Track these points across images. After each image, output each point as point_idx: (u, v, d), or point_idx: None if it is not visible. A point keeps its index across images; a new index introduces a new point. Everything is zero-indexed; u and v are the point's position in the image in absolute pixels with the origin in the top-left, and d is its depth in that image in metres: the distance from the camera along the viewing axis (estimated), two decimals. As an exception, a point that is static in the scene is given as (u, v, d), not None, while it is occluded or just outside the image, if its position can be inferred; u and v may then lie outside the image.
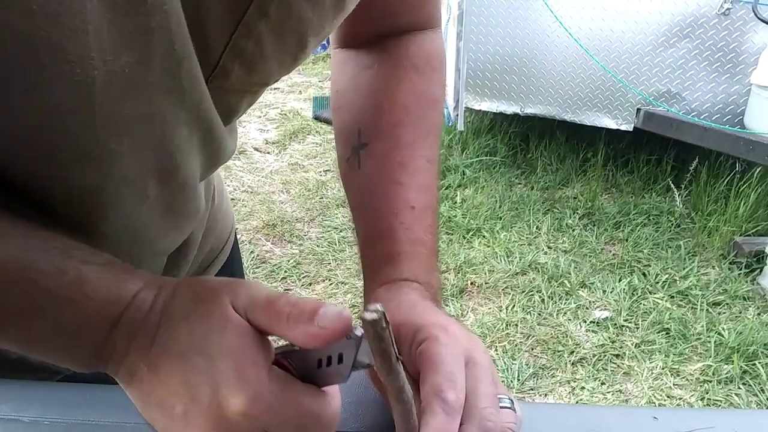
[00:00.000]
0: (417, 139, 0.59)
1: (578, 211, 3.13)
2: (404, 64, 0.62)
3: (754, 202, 2.90)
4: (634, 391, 2.11)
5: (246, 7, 0.40)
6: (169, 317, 0.38)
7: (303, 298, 0.38)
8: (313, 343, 0.36)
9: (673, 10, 2.84)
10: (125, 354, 0.38)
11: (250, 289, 0.38)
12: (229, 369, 0.35)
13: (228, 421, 0.35)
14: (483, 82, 3.34)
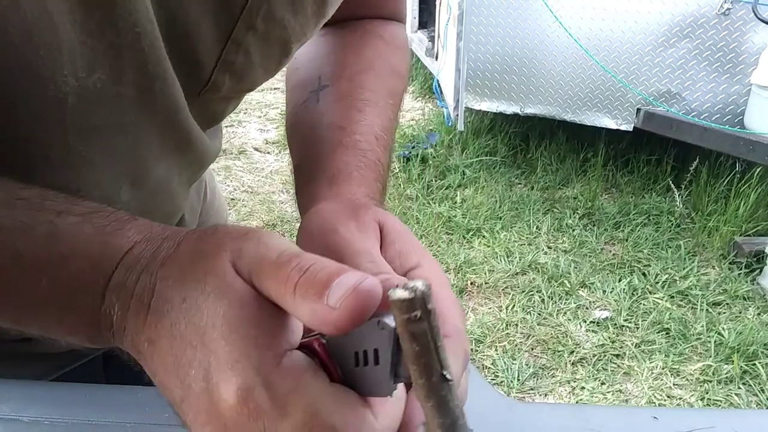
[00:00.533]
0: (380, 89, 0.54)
1: (578, 211, 3.13)
2: (370, 32, 0.60)
3: (754, 202, 2.90)
4: (634, 391, 2.11)
5: (234, 23, 0.41)
6: (165, 277, 0.30)
7: (328, 260, 0.28)
8: (324, 328, 0.27)
9: (673, 10, 2.84)
10: (125, 325, 0.31)
11: (259, 244, 0.30)
12: (222, 349, 0.27)
13: (219, 416, 0.27)
14: (483, 82, 3.34)
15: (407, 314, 0.22)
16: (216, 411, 0.27)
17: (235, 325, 0.28)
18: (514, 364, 2.20)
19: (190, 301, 0.29)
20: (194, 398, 0.28)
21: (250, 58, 0.43)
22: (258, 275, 0.29)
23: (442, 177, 3.43)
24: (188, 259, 0.30)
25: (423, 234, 2.94)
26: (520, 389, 2.12)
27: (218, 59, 0.42)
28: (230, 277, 0.29)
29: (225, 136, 3.97)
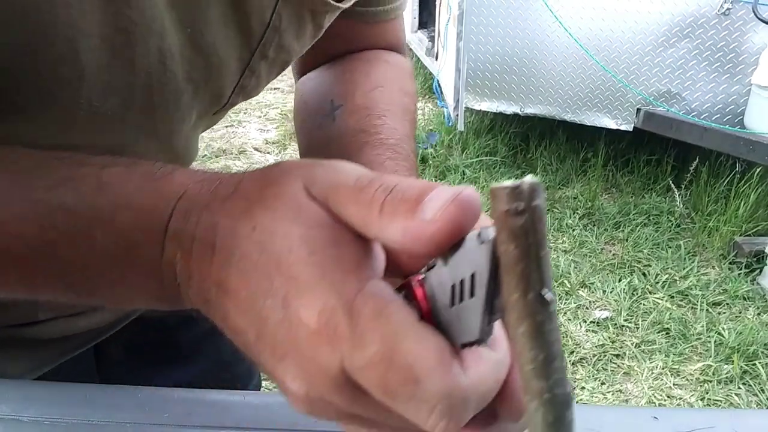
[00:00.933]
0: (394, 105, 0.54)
1: (578, 211, 3.13)
2: (375, 58, 0.61)
3: (754, 202, 2.90)
4: (634, 391, 2.11)
5: (252, 54, 0.45)
6: (230, 212, 0.28)
7: (410, 178, 0.26)
8: (418, 246, 0.24)
9: (673, 10, 2.84)
10: (189, 273, 0.29)
11: (332, 170, 0.28)
12: (301, 272, 0.25)
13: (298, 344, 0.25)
14: (483, 82, 3.34)
15: (508, 205, 0.18)
16: (294, 339, 0.25)
17: (314, 246, 0.26)
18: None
19: (261, 229, 0.27)
20: (271, 330, 0.26)
21: (259, 80, 0.48)
22: (336, 201, 0.27)
23: (442, 177, 3.43)
24: (255, 190, 0.28)
25: (423, 234, 2.94)
26: (520, 389, 2.12)
27: (236, 85, 0.46)
28: (305, 199, 0.27)
29: (225, 136, 3.98)
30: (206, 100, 0.45)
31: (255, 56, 0.44)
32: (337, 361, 0.24)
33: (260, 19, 0.43)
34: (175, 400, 0.52)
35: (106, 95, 0.38)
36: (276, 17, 0.43)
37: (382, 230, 0.25)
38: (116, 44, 0.36)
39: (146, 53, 0.38)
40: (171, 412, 0.50)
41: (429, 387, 0.23)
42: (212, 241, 0.28)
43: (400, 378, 0.23)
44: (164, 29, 0.38)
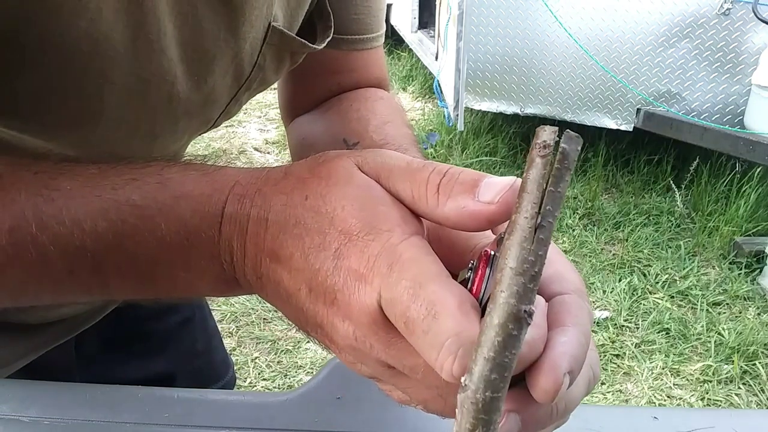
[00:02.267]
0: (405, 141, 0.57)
1: (578, 211, 3.13)
2: (372, 96, 0.64)
3: (755, 202, 2.90)
4: (634, 391, 2.11)
5: (239, 88, 0.51)
6: (283, 191, 0.32)
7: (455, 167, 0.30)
8: (470, 222, 0.28)
9: (673, 10, 2.84)
10: (244, 250, 0.33)
11: (383, 154, 0.32)
12: (354, 220, 0.29)
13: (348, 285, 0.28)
14: (483, 82, 3.34)
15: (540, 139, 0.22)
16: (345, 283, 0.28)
17: (364, 203, 0.29)
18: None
19: (314, 196, 0.30)
20: (323, 279, 0.29)
21: (240, 105, 0.54)
22: (389, 178, 0.30)
23: (442, 177, 3.43)
24: (306, 170, 0.32)
25: (423, 234, 2.94)
26: (520, 389, 2.12)
27: (222, 112, 0.53)
28: (355, 171, 0.31)
29: (225, 136, 3.98)
30: (197, 126, 0.52)
31: (241, 90, 0.51)
32: (375, 297, 0.27)
33: (250, 61, 0.49)
34: (175, 400, 0.52)
35: (118, 128, 0.44)
36: (261, 58, 0.49)
37: (438, 207, 0.28)
38: (134, 90, 0.42)
39: (158, 96, 0.44)
40: (171, 412, 0.50)
41: (443, 324, 0.25)
42: (265, 217, 0.32)
43: (421, 312, 0.26)
44: (176, 78, 0.44)
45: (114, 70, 0.40)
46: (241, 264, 0.33)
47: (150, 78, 0.42)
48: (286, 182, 0.32)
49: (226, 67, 0.47)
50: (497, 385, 0.22)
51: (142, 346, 0.77)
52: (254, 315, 2.44)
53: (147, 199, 0.34)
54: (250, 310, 2.46)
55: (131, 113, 0.44)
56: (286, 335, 2.34)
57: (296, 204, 0.31)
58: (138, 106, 0.44)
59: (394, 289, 0.27)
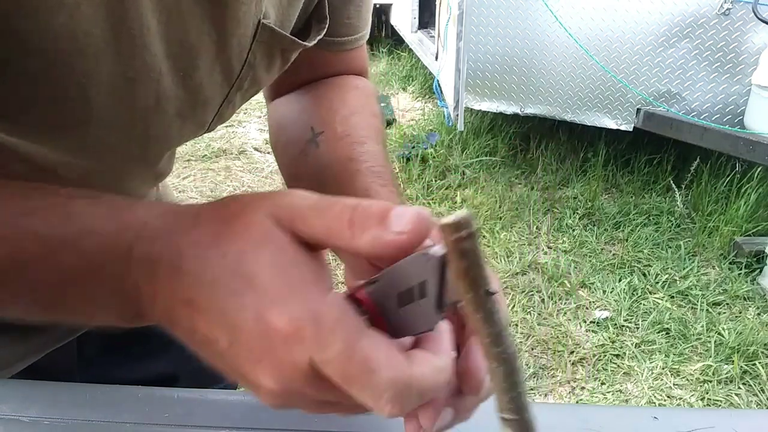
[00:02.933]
0: (370, 130, 0.60)
1: (578, 211, 3.13)
2: (346, 85, 0.66)
3: (755, 202, 2.90)
4: (634, 391, 2.11)
5: (230, 88, 0.50)
6: (197, 243, 0.33)
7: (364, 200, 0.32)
8: (386, 250, 0.29)
9: (673, 10, 2.84)
10: (154, 293, 0.33)
11: (294, 196, 0.33)
12: (271, 285, 0.30)
13: (272, 346, 0.30)
14: (483, 82, 3.34)
15: (457, 233, 0.25)
16: (269, 344, 0.30)
17: (283, 267, 0.30)
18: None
19: (232, 255, 0.31)
20: (246, 338, 0.30)
21: (234, 107, 0.54)
22: (302, 220, 0.32)
23: (442, 177, 3.43)
24: (221, 222, 0.33)
25: (423, 234, 2.94)
26: (520, 389, 2.12)
27: (215, 114, 0.52)
28: (271, 227, 0.32)
29: (225, 136, 3.98)
30: (191, 129, 0.51)
31: (233, 89, 0.50)
32: (306, 358, 0.29)
33: (239, 58, 0.48)
34: (175, 400, 0.52)
35: (110, 130, 0.44)
36: (251, 55, 0.48)
37: (352, 240, 0.30)
38: (121, 90, 0.41)
39: (145, 95, 0.43)
40: (171, 412, 0.50)
41: (379, 377, 0.28)
42: (179, 266, 0.32)
43: (358, 369, 0.28)
44: (161, 75, 0.43)
45: (98, 68, 0.39)
46: (150, 305, 0.34)
47: (135, 76, 0.42)
48: (200, 232, 0.33)
49: (212, 62, 0.46)
50: None
51: (144, 347, 0.77)
52: (254, 315, 2.44)
53: (54, 231, 0.34)
54: (250, 310, 2.46)
55: (122, 114, 0.44)
56: (286, 335, 2.34)
57: (213, 261, 0.31)
58: (127, 107, 0.43)
59: (327, 351, 0.29)
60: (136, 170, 0.55)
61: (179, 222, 0.34)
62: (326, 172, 0.56)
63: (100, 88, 0.40)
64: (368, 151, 0.56)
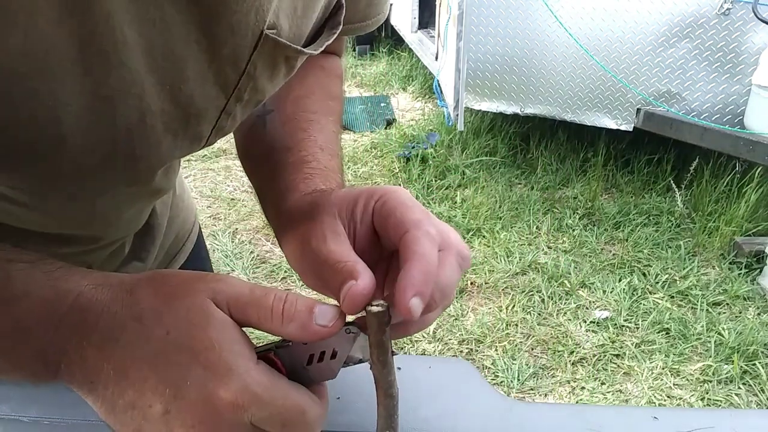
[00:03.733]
0: (322, 111, 0.61)
1: (578, 211, 3.13)
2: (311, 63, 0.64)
3: (755, 202, 2.90)
4: (634, 391, 2.11)
5: (227, 99, 0.48)
6: (139, 317, 0.36)
7: (290, 292, 0.38)
8: (311, 338, 0.37)
9: (673, 10, 2.84)
10: (81, 358, 0.36)
11: (229, 284, 0.38)
12: (215, 362, 0.35)
13: (216, 414, 0.35)
14: (483, 82, 3.34)
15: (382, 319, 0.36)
16: (212, 411, 0.35)
17: (224, 345, 0.36)
18: (514, 364, 2.20)
19: (176, 333, 0.36)
20: (187, 406, 0.35)
21: (235, 120, 0.51)
22: (238, 308, 0.37)
23: (442, 177, 3.43)
24: (162, 300, 0.37)
25: (423, 234, 2.94)
26: (520, 389, 2.11)
27: (213, 127, 0.50)
28: (213, 309, 0.37)
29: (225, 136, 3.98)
30: (186, 144, 0.49)
31: (230, 100, 0.48)
32: (248, 421, 0.36)
33: (234, 68, 0.45)
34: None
35: (90, 152, 0.42)
36: (251, 66, 0.46)
37: (283, 328, 0.37)
38: (97, 109, 0.39)
39: (126, 114, 0.41)
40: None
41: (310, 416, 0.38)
42: (117, 337, 0.36)
43: (293, 416, 0.37)
44: (144, 90, 0.41)
45: (65, 89, 0.37)
46: (72, 368, 0.37)
47: (112, 94, 0.39)
48: (141, 309, 0.36)
49: (203, 72, 0.43)
50: None
51: None
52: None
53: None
54: (250, 310, 2.46)
55: (101, 135, 0.41)
56: (286, 335, 2.34)
57: (156, 337, 0.35)
58: (107, 127, 0.41)
59: (267, 410, 0.36)
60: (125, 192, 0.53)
61: (116, 296, 0.37)
62: (266, 161, 0.58)
63: (70, 109, 0.38)
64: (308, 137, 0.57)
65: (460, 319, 2.43)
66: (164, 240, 0.74)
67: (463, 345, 2.31)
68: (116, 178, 0.47)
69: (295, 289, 2.60)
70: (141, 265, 0.70)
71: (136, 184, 0.50)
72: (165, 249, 0.76)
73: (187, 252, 0.82)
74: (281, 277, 2.68)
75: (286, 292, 0.38)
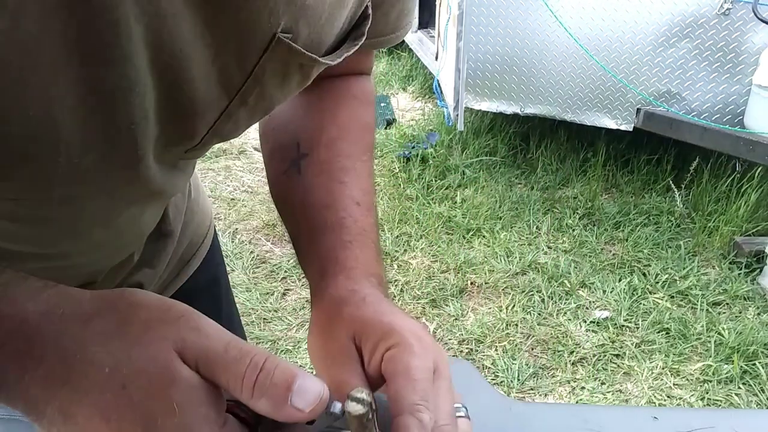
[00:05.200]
0: (356, 153, 0.60)
1: (578, 211, 3.13)
2: (343, 93, 0.63)
3: (755, 202, 2.90)
4: (634, 391, 2.11)
5: (229, 101, 0.44)
6: (91, 359, 0.32)
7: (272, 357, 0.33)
8: (284, 420, 0.33)
9: (673, 10, 2.84)
10: (24, 391, 0.33)
11: (203, 335, 0.34)
12: (174, 429, 0.32)
13: None
14: (483, 82, 3.34)
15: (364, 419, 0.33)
16: None
17: (185, 409, 0.32)
18: (514, 364, 2.20)
19: (133, 388, 0.32)
20: None
21: (237, 125, 0.48)
22: (207, 367, 0.33)
23: (442, 177, 3.43)
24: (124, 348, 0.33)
25: (423, 234, 2.94)
26: (520, 389, 2.12)
27: (210, 128, 0.46)
28: (177, 366, 0.32)
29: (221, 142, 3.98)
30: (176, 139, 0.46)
31: (233, 103, 0.45)
32: None
33: (240, 67, 0.43)
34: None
35: (86, 151, 0.39)
36: (259, 69, 0.43)
37: (254, 402, 0.33)
38: (92, 104, 0.37)
39: (125, 110, 0.38)
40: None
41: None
42: (65, 378, 0.32)
43: None
44: (145, 87, 0.38)
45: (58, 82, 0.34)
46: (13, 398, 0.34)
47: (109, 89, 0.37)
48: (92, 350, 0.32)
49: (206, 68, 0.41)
50: None
51: None
52: (254, 315, 2.44)
53: None
54: (250, 310, 2.46)
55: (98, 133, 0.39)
56: (286, 335, 2.34)
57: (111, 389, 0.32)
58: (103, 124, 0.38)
59: None
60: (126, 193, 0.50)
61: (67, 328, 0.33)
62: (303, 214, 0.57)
63: (65, 104, 0.35)
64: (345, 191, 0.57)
65: (459, 319, 2.43)
66: (177, 247, 0.72)
67: (463, 345, 2.31)
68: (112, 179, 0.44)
69: (294, 290, 2.60)
70: (151, 272, 0.68)
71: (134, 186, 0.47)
72: (179, 255, 0.74)
73: (201, 257, 0.79)
74: (281, 277, 2.68)
75: (266, 356, 0.33)
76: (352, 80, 0.65)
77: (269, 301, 2.52)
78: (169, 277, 0.74)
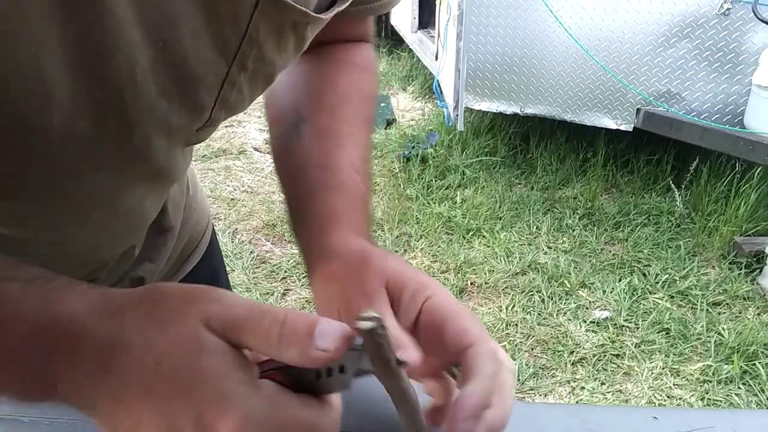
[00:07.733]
0: (356, 121, 0.60)
1: (578, 211, 3.13)
2: (344, 59, 0.63)
3: (755, 202, 2.90)
4: (634, 391, 2.11)
5: (229, 66, 0.45)
6: (128, 345, 0.34)
7: (291, 311, 0.35)
8: (312, 364, 0.34)
9: (673, 10, 2.84)
10: (76, 385, 0.35)
11: (224, 305, 0.35)
12: (211, 393, 0.33)
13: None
14: (483, 82, 3.34)
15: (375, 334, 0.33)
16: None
17: (219, 373, 0.33)
18: (514, 364, 2.20)
19: (168, 363, 0.33)
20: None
21: (242, 94, 0.48)
22: (233, 332, 0.34)
23: (442, 177, 3.43)
24: (154, 328, 0.35)
25: (423, 234, 2.94)
26: (520, 389, 2.12)
27: (216, 99, 0.46)
28: (205, 336, 0.34)
29: (225, 136, 3.99)
30: (184, 114, 0.46)
31: (233, 68, 0.45)
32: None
33: (235, 30, 0.43)
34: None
35: (79, 115, 0.39)
36: (252, 29, 0.43)
37: (280, 353, 0.34)
38: (82, 61, 0.37)
39: (115, 70, 0.38)
40: None
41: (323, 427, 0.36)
42: (109, 366, 0.34)
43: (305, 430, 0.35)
44: (133, 45, 0.38)
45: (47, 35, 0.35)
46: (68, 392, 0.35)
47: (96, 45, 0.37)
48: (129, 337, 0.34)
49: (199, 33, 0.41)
50: None
51: None
52: (254, 315, 2.44)
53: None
54: (250, 310, 2.46)
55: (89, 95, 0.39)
56: (286, 335, 2.34)
57: (149, 368, 0.33)
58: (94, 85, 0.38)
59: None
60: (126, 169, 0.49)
61: (108, 322, 0.35)
62: (301, 174, 0.57)
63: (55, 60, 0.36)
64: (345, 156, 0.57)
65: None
66: (177, 243, 0.73)
67: (463, 345, 2.31)
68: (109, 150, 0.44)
69: (294, 290, 2.60)
70: (152, 266, 0.69)
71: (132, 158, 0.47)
72: (178, 251, 0.75)
73: (200, 253, 0.80)
74: (281, 277, 2.68)
75: (286, 311, 0.35)
76: (352, 47, 0.65)
77: (269, 301, 2.52)
78: (170, 272, 0.75)
